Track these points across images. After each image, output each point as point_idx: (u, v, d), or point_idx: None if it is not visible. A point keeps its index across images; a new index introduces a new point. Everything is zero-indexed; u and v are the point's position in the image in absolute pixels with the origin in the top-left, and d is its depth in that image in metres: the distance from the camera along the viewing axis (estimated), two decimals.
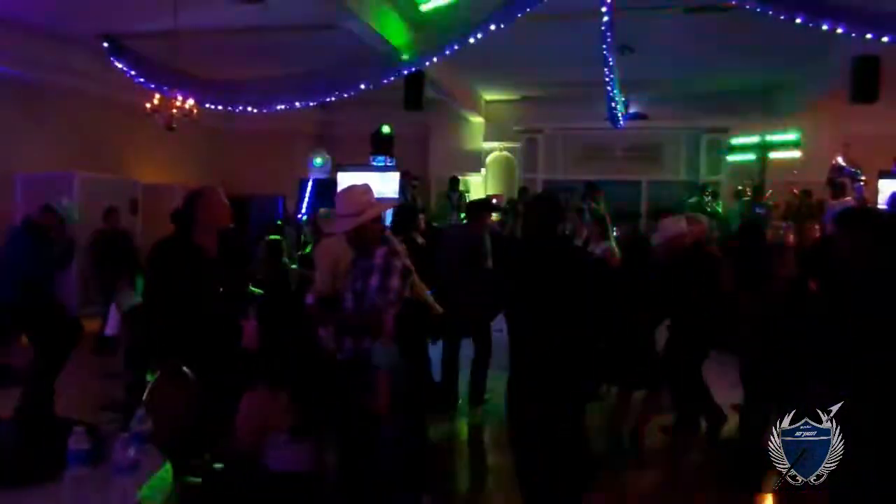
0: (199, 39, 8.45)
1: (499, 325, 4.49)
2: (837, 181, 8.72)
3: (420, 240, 5.34)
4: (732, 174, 11.72)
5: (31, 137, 9.09)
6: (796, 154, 10.85)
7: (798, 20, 6.55)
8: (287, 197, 11.63)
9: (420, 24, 8.37)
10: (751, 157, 11.43)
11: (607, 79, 8.40)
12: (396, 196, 10.49)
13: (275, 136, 12.45)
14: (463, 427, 5.42)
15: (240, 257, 4.60)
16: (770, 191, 10.41)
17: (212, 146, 12.42)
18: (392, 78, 8.57)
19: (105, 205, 8.08)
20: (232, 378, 3.27)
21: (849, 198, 8.41)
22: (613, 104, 9.27)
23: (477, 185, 13.11)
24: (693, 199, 10.81)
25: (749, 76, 10.70)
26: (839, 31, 6.61)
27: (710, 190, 10.89)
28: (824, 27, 6.60)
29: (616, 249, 5.75)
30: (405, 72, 8.56)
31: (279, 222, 9.00)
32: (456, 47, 7.76)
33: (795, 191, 9.54)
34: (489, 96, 13.05)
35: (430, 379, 5.03)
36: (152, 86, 8.84)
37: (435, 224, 8.84)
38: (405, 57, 8.30)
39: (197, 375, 2.87)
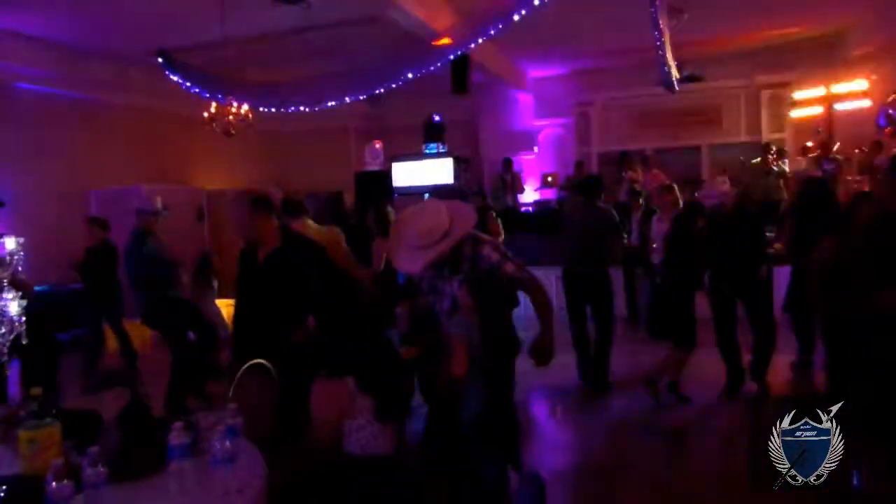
0: (247, 46, 8.65)
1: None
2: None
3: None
4: (797, 130, 11.22)
5: (100, 155, 9.54)
6: (866, 103, 10.28)
7: None
8: (344, 191, 11.80)
9: (463, 6, 8.32)
10: (816, 110, 10.92)
11: (658, 42, 8.15)
12: (452, 181, 10.52)
13: (328, 133, 12.65)
14: None
15: None
16: (838, 144, 9.92)
17: (268, 148, 12.72)
18: (438, 64, 8.57)
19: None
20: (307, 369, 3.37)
21: None
22: (666, 68, 9.00)
23: (531, 164, 13.00)
24: (756, 160, 10.43)
25: (808, 24, 10.19)
26: None
27: (774, 149, 10.46)
28: None
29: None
30: (451, 56, 8.53)
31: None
32: (500, 26, 7.68)
33: (864, 148, 9.08)
34: (537, 73, 12.87)
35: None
36: (207, 95, 9.11)
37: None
38: (449, 41, 8.27)
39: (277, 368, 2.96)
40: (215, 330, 6.07)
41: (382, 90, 9.45)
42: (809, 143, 10.16)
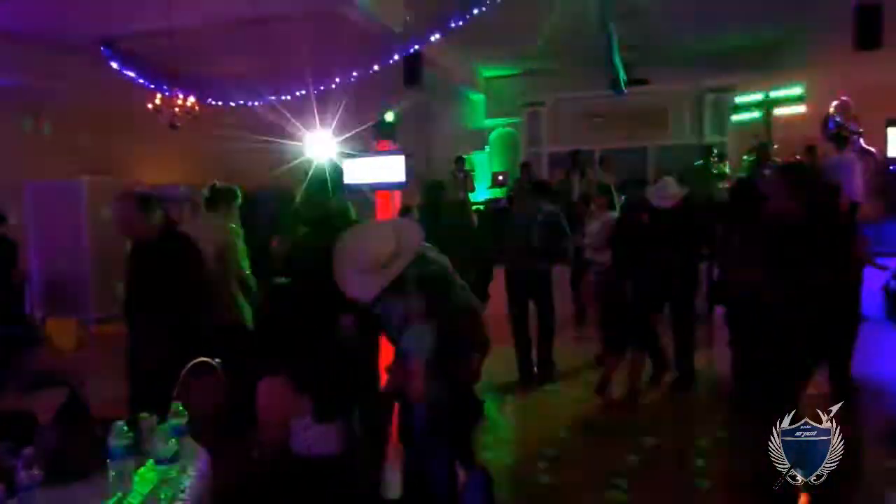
0: (194, 37, 8.45)
1: None
2: (840, 135, 8.65)
3: None
4: (738, 134, 11.62)
5: (38, 146, 9.17)
6: (801, 109, 10.73)
7: None
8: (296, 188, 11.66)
9: (416, 1, 8.32)
10: (756, 115, 11.32)
11: (606, 46, 8.33)
12: (403, 181, 10.49)
13: (278, 129, 12.44)
14: None
15: None
16: (776, 146, 10.31)
17: (215, 143, 12.44)
18: (392, 59, 8.55)
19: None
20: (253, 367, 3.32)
21: (850, 151, 8.35)
22: (614, 71, 9.20)
23: (481, 163, 13.09)
24: (699, 162, 10.74)
25: (750, 32, 10.57)
26: None
27: (716, 152, 10.80)
28: None
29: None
30: (404, 53, 8.53)
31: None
32: (452, 24, 7.71)
33: (798, 156, 9.47)
34: (489, 72, 12.97)
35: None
36: (152, 86, 8.88)
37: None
38: (403, 37, 8.26)
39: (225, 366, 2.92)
40: None
41: (334, 85, 9.36)
42: (749, 149, 10.53)
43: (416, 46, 8.52)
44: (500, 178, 12.53)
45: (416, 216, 6.21)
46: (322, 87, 9.64)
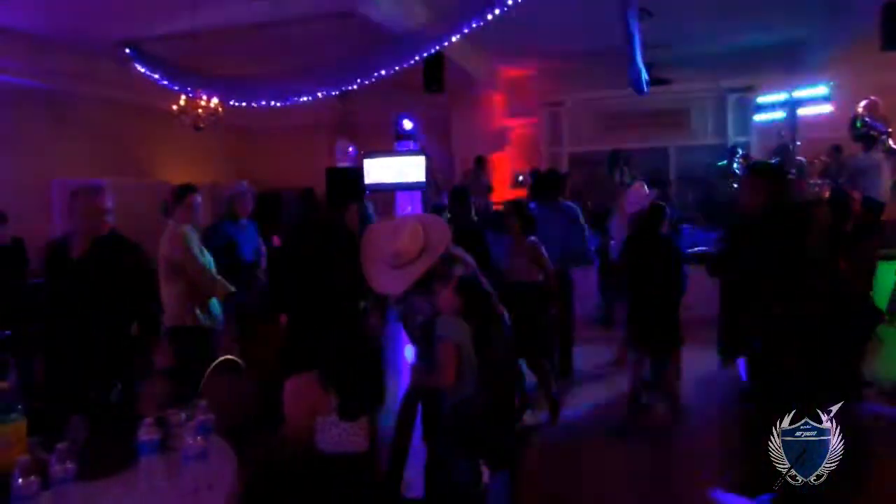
0: (217, 39, 8.53)
1: None
2: (869, 135, 8.49)
3: None
4: (761, 134, 11.48)
5: (64, 147, 9.32)
6: (827, 109, 10.56)
7: None
8: (314, 187, 11.74)
9: (437, 2, 8.32)
10: (780, 115, 11.17)
11: (628, 44, 8.26)
12: (423, 181, 10.53)
13: (299, 129, 12.55)
14: None
15: None
16: (798, 144, 10.16)
17: (239, 144, 12.59)
18: (412, 61, 8.56)
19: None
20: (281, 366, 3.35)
21: (877, 152, 8.20)
22: (636, 70, 9.12)
23: (502, 163, 13.06)
24: (722, 163, 10.63)
25: (773, 31, 10.43)
26: None
27: (741, 152, 10.66)
28: None
29: None
30: (425, 54, 8.53)
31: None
32: (474, 24, 7.70)
33: (823, 157, 9.34)
34: (509, 72, 12.94)
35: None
36: (176, 88, 8.98)
37: None
38: (424, 39, 8.27)
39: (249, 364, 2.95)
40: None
41: (355, 86, 9.40)
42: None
43: (437, 47, 8.52)
44: (521, 178, 12.50)
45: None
46: (344, 88, 9.69)
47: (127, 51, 9.07)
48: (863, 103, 8.71)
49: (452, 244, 3.10)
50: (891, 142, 8.37)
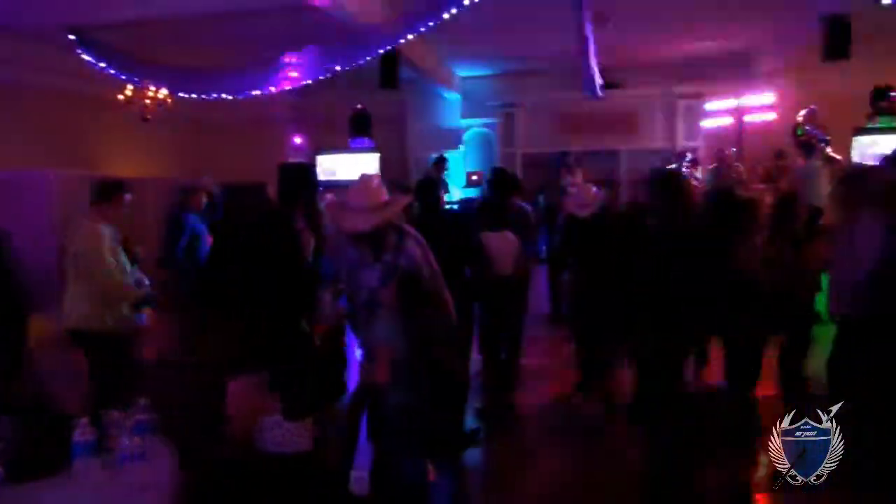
0: (167, 29, 8.32)
1: None
2: (808, 143, 8.83)
3: None
4: (709, 140, 11.81)
5: (2, 136, 8.95)
6: (772, 116, 10.94)
7: None
8: (268, 183, 11.58)
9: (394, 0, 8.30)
10: (727, 121, 11.52)
11: (583, 48, 8.39)
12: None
13: (251, 123, 12.33)
14: None
15: None
16: (733, 150, 10.46)
17: (188, 136, 12.29)
18: (367, 58, 8.51)
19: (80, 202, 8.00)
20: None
21: (816, 159, 8.52)
22: (590, 74, 9.28)
23: (456, 162, 13.11)
24: (672, 167, 10.88)
25: (722, 40, 10.75)
26: None
27: (689, 156, 10.94)
28: None
29: None
30: (380, 51, 8.50)
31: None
32: (430, 23, 7.71)
33: (766, 163, 9.66)
34: (465, 72, 12.99)
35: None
36: (123, 77, 8.72)
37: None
38: (379, 36, 8.23)
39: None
40: None
41: (309, 81, 9.29)
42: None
43: (393, 45, 8.49)
44: (475, 177, 12.57)
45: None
46: (298, 83, 9.56)
47: (71, 37, 8.76)
48: (803, 112, 9.05)
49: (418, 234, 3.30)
50: (829, 149, 8.71)
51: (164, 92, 8.20)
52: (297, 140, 11.15)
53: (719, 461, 4.31)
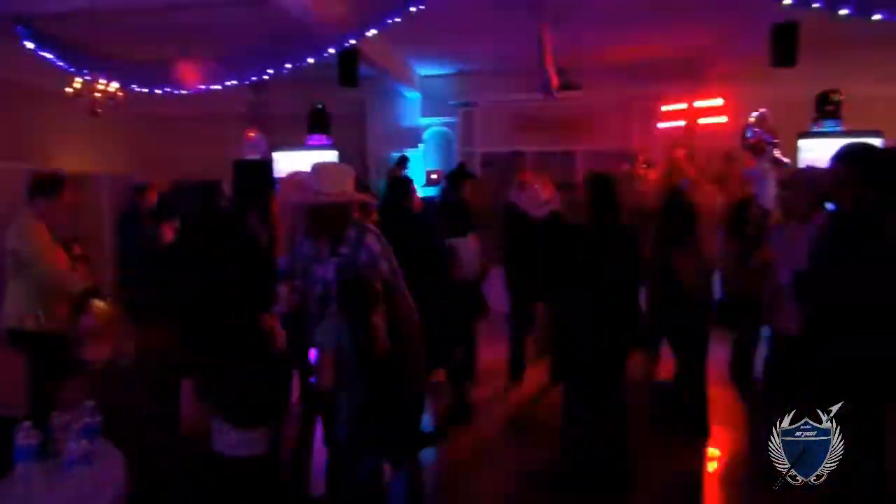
0: (117, 20, 8.09)
1: None
2: (756, 145, 9.09)
3: None
4: (663, 142, 12.05)
5: None
6: (723, 119, 11.23)
7: None
8: (223, 180, 11.36)
9: None
10: (680, 123, 11.77)
11: (539, 50, 8.48)
12: None
13: (205, 119, 12.10)
14: None
15: None
16: (684, 152, 10.71)
17: (140, 131, 11.99)
18: (326, 54, 8.43)
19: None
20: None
21: (766, 161, 8.79)
22: (546, 75, 9.37)
23: (416, 161, 13.10)
24: (626, 168, 11.07)
25: (676, 43, 10.98)
26: None
27: (643, 158, 11.15)
28: None
29: None
30: (338, 48, 8.42)
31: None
32: (390, 21, 7.68)
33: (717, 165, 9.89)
34: (425, 71, 12.99)
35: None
36: (72, 69, 8.45)
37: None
38: (339, 32, 8.16)
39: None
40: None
41: (265, 77, 9.16)
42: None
43: (352, 41, 8.43)
44: (434, 176, 12.59)
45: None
46: (253, 78, 9.42)
47: (16, 28, 8.45)
48: (755, 114, 9.31)
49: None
50: (776, 152, 8.98)
51: (114, 85, 7.96)
52: (253, 136, 10.97)
53: (667, 452, 4.44)
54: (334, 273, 3.09)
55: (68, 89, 7.86)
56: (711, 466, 4.50)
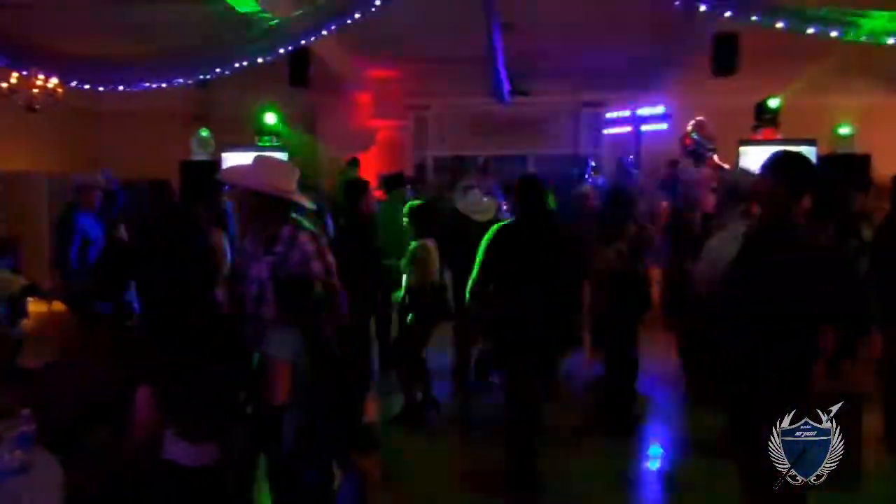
0: (55, 13, 7.81)
1: None
2: (696, 151, 9.39)
3: None
4: (610, 147, 12.34)
5: None
6: (665, 126, 11.59)
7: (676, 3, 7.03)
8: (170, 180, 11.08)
9: None
10: (626, 129, 12.09)
11: (491, 55, 8.57)
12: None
13: (150, 117, 11.78)
14: None
15: None
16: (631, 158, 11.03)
17: (80, 128, 11.60)
18: (276, 53, 8.33)
19: None
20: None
21: (706, 166, 9.09)
22: (498, 80, 9.49)
23: (368, 164, 13.04)
24: (576, 172, 11.30)
25: (622, 52, 11.24)
26: (703, 8, 7.16)
27: (593, 164, 11.40)
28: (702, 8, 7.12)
29: None
30: (290, 47, 8.33)
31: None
32: (341, 22, 7.64)
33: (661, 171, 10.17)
34: (377, 73, 12.95)
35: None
36: (8, 63, 8.13)
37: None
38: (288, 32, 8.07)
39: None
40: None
41: (213, 76, 8.98)
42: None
43: (303, 41, 8.35)
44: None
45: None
46: (201, 76, 9.22)
47: None
48: (692, 122, 9.62)
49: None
50: (716, 158, 9.30)
51: (53, 81, 7.70)
52: (202, 136, 10.74)
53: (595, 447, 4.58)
54: (268, 272, 3.08)
55: (4, 84, 7.56)
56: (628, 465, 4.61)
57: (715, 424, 3.77)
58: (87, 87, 8.96)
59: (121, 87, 8.94)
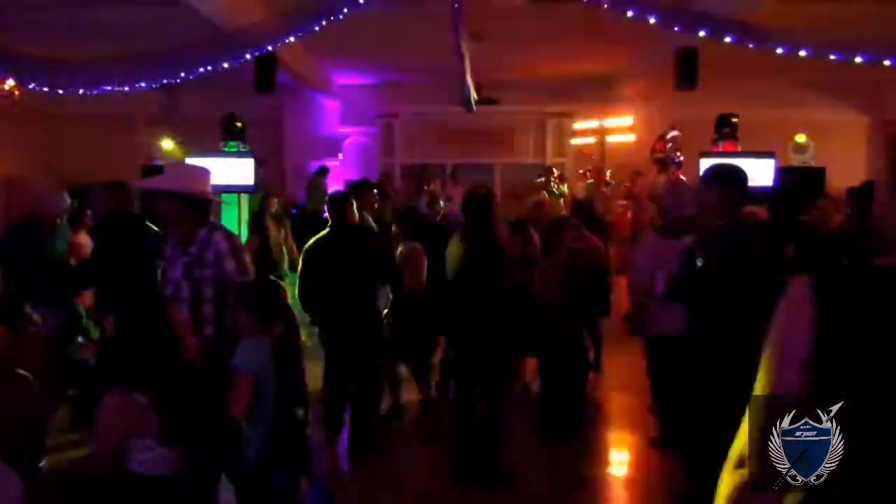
0: (19, 13, 7.63)
1: None
2: (664, 160, 9.61)
3: None
4: (576, 157, 12.52)
5: None
6: (631, 137, 11.80)
7: (630, 14, 7.16)
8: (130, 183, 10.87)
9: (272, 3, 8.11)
10: (591, 140, 12.28)
11: (459, 64, 8.62)
12: (251, 184, 10.13)
13: (113, 120, 11.56)
14: None
15: None
16: (609, 171, 11.24)
17: (39, 131, 11.32)
18: (241, 59, 8.25)
19: None
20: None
21: (668, 176, 9.31)
22: (465, 89, 9.55)
23: (335, 171, 12.99)
24: (540, 180, 11.44)
25: (588, 64, 11.43)
26: (652, 21, 7.35)
27: (557, 172, 11.56)
28: (652, 20, 7.27)
29: None
30: (256, 53, 8.26)
31: None
32: (308, 29, 7.61)
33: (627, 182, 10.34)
34: (343, 80, 12.93)
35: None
36: None
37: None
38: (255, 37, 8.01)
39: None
40: None
41: (178, 80, 8.85)
42: (582, 171, 11.41)
43: (269, 47, 8.28)
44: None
45: None
46: (164, 81, 9.07)
47: None
48: (670, 133, 9.84)
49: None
50: (677, 172, 9.54)
51: (10, 83, 7.50)
52: (165, 147, 10.58)
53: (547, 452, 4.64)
54: (182, 273, 3.08)
55: None
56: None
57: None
58: (45, 89, 8.73)
59: (81, 91, 8.73)
